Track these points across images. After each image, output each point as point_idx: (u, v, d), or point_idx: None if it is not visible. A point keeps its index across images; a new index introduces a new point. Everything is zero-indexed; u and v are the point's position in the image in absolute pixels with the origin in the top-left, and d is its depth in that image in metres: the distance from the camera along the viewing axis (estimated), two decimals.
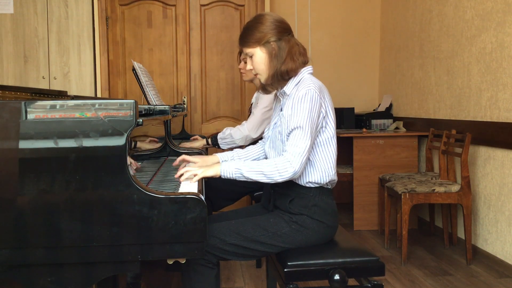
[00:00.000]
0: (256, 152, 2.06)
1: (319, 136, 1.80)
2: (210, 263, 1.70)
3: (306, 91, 1.73)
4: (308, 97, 1.72)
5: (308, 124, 1.71)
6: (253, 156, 2.05)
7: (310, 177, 1.79)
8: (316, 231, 1.79)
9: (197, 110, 4.46)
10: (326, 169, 1.81)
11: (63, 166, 1.31)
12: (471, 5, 3.36)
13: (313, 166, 1.80)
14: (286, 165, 1.68)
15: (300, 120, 1.71)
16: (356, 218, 4.04)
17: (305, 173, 1.80)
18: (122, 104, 1.33)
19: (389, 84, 4.81)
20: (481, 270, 3.05)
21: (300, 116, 1.71)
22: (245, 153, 2.05)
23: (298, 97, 1.73)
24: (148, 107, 2.05)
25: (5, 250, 1.32)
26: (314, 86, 1.75)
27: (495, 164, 3.12)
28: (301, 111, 1.71)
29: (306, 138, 1.70)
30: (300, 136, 1.70)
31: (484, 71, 3.21)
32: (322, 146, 1.81)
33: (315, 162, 1.80)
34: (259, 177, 1.70)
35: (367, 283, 1.74)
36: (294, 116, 1.72)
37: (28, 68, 4.14)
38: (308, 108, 1.71)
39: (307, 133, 1.70)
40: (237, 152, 2.05)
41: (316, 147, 1.80)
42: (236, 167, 1.72)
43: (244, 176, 1.71)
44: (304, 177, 1.80)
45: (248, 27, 1.83)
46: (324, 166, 1.81)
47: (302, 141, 1.70)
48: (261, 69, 1.83)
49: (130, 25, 4.35)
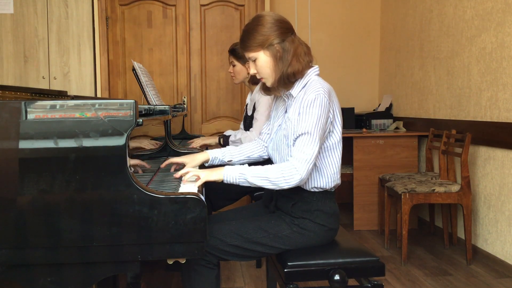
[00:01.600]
0: (249, 151, 2.00)
1: (326, 141, 1.76)
2: (211, 263, 1.70)
3: (316, 95, 1.68)
4: (318, 102, 1.67)
5: (316, 130, 1.66)
6: (246, 154, 1.99)
7: (316, 183, 1.77)
8: (318, 233, 1.78)
9: (197, 110, 4.46)
10: (331, 174, 1.78)
11: (63, 166, 1.31)
12: (471, 5, 3.36)
13: (319, 172, 1.77)
14: (292, 172, 1.64)
15: (309, 126, 1.66)
16: (356, 218, 4.04)
17: (311, 179, 1.76)
18: (122, 104, 1.33)
19: (389, 84, 4.81)
20: (481, 270, 3.05)
21: (309, 122, 1.66)
22: (239, 150, 2.00)
23: (307, 101, 1.68)
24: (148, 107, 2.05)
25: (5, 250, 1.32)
26: (323, 90, 1.70)
27: (495, 164, 3.12)
28: (310, 116, 1.66)
29: (314, 145, 1.65)
30: (308, 142, 1.65)
31: (484, 71, 3.21)
32: (328, 151, 1.77)
33: (321, 167, 1.77)
34: (264, 183, 1.66)
35: (367, 283, 1.73)
36: (302, 121, 1.67)
37: (28, 68, 4.13)
38: (317, 113, 1.66)
39: (315, 139, 1.65)
40: (229, 149, 2.00)
41: (322, 152, 1.77)
42: (240, 172, 1.67)
43: (248, 181, 1.67)
44: (309, 182, 1.77)
45: (248, 30, 1.76)
46: (330, 171, 1.78)
47: (310, 148, 1.65)
48: (267, 73, 1.77)
49: (130, 25, 4.35)
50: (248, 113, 3.12)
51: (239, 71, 3.06)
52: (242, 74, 3.07)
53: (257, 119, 2.89)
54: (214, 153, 1.96)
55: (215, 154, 1.96)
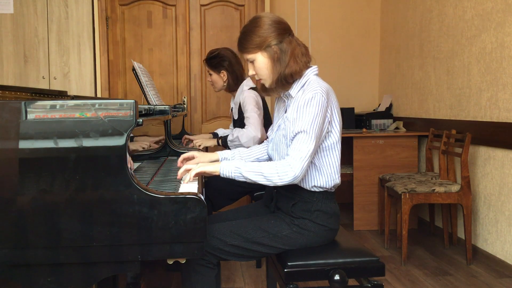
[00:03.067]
0: (258, 152, 2.02)
1: (325, 141, 1.76)
2: (211, 263, 1.70)
3: (313, 95, 1.68)
4: (315, 101, 1.67)
5: (312, 128, 1.66)
6: (255, 155, 2.02)
7: (315, 182, 1.77)
8: (318, 234, 1.78)
9: (197, 110, 4.46)
10: (331, 173, 1.79)
11: (63, 166, 1.31)
12: (471, 5, 3.36)
13: (318, 171, 1.77)
14: (286, 169, 1.64)
15: (305, 125, 1.66)
16: (356, 218, 4.04)
17: (311, 178, 1.77)
18: (122, 104, 1.33)
19: (389, 84, 4.81)
20: (481, 270, 3.05)
21: (305, 121, 1.66)
22: (248, 152, 2.02)
23: (304, 100, 1.68)
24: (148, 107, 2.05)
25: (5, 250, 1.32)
26: (321, 89, 1.70)
27: (495, 164, 3.12)
28: (307, 115, 1.67)
29: (309, 143, 1.66)
30: (304, 140, 1.66)
31: (484, 71, 3.21)
32: (327, 151, 1.78)
33: (320, 167, 1.77)
34: (258, 178, 1.67)
35: (367, 283, 1.73)
36: (299, 120, 1.68)
37: (28, 68, 4.14)
38: (313, 112, 1.67)
39: (311, 137, 1.66)
40: (239, 150, 2.02)
41: (321, 151, 1.77)
42: (236, 166, 1.69)
43: (243, 175, 1.68)
44: (309, 181, 1.77)
45: (246, 32, 1.77)
46: (329, 171, 1.78)
47: (305, 146, 1.65)
48: (265, 74, 1.78)
49: (130, 25, 4.35)
50: (234, 117, 3.12)
51: (216, 80, 3.06)
52: (219, 83, 3.07)
53: (249, 117, 2.88)
54: (223, 154, 1.98)
55: (225, 154, 1.98)
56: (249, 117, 2.88)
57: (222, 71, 3.02)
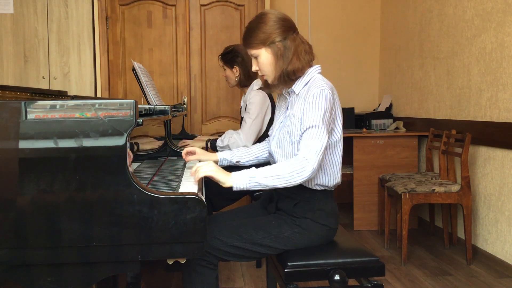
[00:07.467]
0: (259, 151, 2.02)
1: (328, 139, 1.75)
2: (211, 264, 1.70)
3: (320, 90, 1.69)
4: (323, 96, 1.68)
5: (323, 122, 1.66)
6: (255, 154, 2.02)
7: (318, 180, 1.77)
8: (319, 234, 1.78)
9: (197, 110, 4.46)
10: (333, 172, 1.79)
11: (63, 166, 1.31)
12: (471, 5, 3.36)
13: (321, 169, 1.77)
14: (303, 164, 1.61)
15: (316, 119, 1.65)
16: (356, 218, 4.04)
17: (314, 176, 1.76)
18: (122, 104, 1.33)
19: (389, 84, 4.81)
20: (481, 270, 3.05)
21: (316, 115, 1.66)
22: (247, 151, 2.02)
23: (312, 96, 1.69)
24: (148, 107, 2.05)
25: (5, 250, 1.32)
26: (327, 86, 1.72)
27: (495, 164, 3.12)
28: (317, 110, 1.67)
29: (322, 136, 1.65)
30: (317, 134, 1.64)
31: (484, 71, 3.21)
32: (330, 149, 1.78)
33: (323, 165, 1.77)
34: (276, 182, 1.61)
35: (367, 283, 1.73)
36: (309, 115, 1.67)
37: (28, 68, 4.13)
38: (323, 107, 1.67)
39: (323, 132, 1.65)
40: (238, 150, 2.02)
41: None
42: (250, 176, 1.61)
43: (260, 184, 1.61)
44: (312, 179, 1.77)
45: (251, 28, 1.79)
46: (331, 169, 1.79)
47: (319, 139, 1.64)
48: (268, 70, 1.79)
49: (130, 25, 4.35)
50: (242, 115, 3.13)
51: (229, 75, 3.10)
52: (232, 78, 3.10)
53: (245, 122, 2.89)
54: (222, 155, 1.98)
55: (224, 155, 1.98)
56: (245, 122, 2.90)
57: (235, 67, 3.06)
